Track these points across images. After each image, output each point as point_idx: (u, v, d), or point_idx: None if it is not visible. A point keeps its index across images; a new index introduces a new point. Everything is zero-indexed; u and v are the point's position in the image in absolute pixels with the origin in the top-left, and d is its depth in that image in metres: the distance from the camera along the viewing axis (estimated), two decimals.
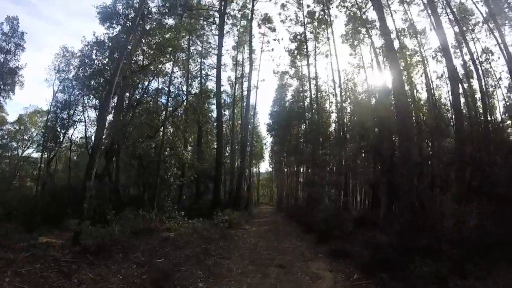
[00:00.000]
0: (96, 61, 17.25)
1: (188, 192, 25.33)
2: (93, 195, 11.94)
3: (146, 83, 17.87)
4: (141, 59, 19.09)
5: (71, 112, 20.65)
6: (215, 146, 32.13)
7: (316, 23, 29.68)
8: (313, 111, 28.36)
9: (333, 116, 33.54)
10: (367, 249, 9.97)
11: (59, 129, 21.40)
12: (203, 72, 30.32)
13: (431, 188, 12.14)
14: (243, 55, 33.13)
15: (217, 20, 24.89)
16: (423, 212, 10.02)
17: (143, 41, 18.26)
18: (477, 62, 21.42)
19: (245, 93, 29.52)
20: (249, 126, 34.82)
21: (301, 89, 33.65)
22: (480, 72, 21.43)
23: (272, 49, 32.11)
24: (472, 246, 7.91)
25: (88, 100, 18.40)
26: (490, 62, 23.36)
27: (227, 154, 33.36)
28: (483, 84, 21.04)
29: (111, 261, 8.38)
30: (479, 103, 20.94)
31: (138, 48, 17.73)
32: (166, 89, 16.73)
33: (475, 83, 22.08)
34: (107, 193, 14.21)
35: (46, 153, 26.80)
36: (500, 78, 23.12)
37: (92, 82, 17.11)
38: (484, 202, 9.60)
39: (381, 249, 9.30)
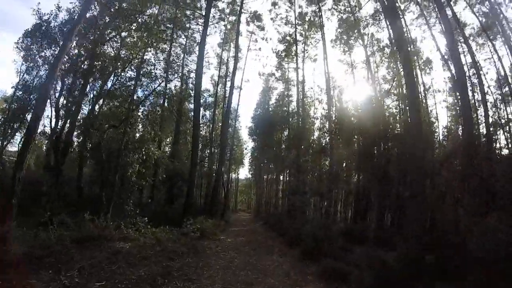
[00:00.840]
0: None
1: (161, 195, 22.76)
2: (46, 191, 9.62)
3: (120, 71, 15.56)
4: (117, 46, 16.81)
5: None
6: None
7: (307, 26, 28.00)
8: (299, 115, 26.36)
9: (317, 123, 32.02)
10: (367, 269, 8.01)
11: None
12: (186, 69, 28.14)
13: (443, 201, 10.38)
14: (229, 54, 31.00)
15: (204, 6, 22.59)
16: (434, 227, 8.16)
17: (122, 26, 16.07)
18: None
19: (228, 93, 27.21)
20: (230, 129, 32.70)
21: (286, 93, 31.80)
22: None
23: (260, 49, 30.34)
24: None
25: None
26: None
27: (205, 157, 31.00)
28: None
29: (36, 279, 6.06)
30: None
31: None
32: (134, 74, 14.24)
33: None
34: (59, 189, 11.67)
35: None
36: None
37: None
38: (504, 215, 7.82)
39: (387, 270, 7.34)
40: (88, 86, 14.83)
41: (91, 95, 16.11)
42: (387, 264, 7.69)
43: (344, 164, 27.11)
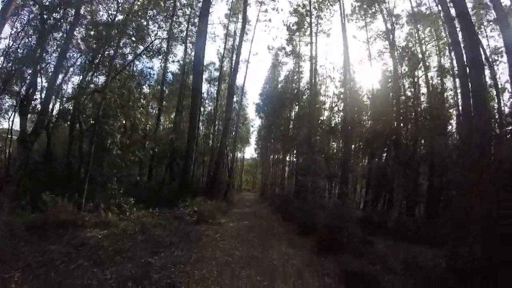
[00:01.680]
0: None
1: (159, 173, 20.87)
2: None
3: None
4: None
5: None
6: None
7: None
8: (312, 91, 23.88)
9: (328, 103, 29.59)
10: (406, 274, 6.08)
11: None
12: (189, 41, 25.64)
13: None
14: (236, 26, 28.28)
15: None
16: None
17: None
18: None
19: (234, 63, 24.61)
20: (236, 105, 30.45)
21: (297, 69, 29.22)
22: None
23: (270, 20, 27.29)
24: None
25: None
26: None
27: (209, 133, 28.89)
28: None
29: None
30: None
31: None
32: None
33: None
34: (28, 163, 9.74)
35: None
36: None
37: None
38: None
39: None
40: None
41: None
42: (438, 271, 5.67)
43: (357, 145, 25.16)
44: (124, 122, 10.43)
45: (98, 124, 9.05)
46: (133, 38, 11.85)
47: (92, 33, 13.28)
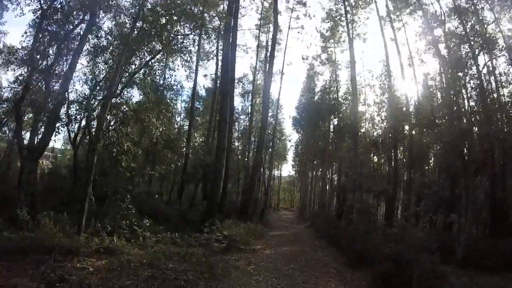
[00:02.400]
0: None
1: (190, 192, 19.34)
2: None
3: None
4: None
5: None
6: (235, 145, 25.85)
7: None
8: (355, 96, 21.38)
9: (368, 113, 26.80)
10: None
11: None
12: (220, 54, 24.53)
13: None
14: (268, 36, 26.87)
15: None
16: None
17: None
18: None
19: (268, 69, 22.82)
20: (272, 120, 28.75)
21: (334, 77, 27.07)
22: None
23: (302, 27, 25.68)
24: None
25: None
26: None
27: (245, 150, 27.25)
28: None
29: None
30: None
31: None
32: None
33: None
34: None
35: None
36: None
37: None
38: None
39: None
40: None
41: None
42: None
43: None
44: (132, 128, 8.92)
45: (101, 130, 7.60)
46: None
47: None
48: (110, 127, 7.81)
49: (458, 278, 7.76)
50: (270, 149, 28.98)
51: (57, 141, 20.09)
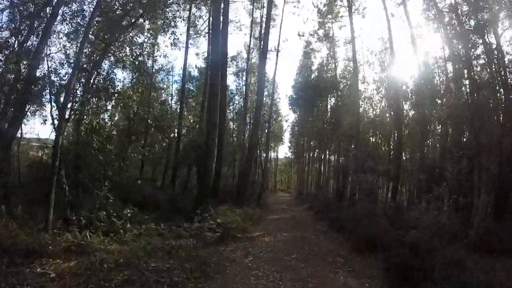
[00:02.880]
0: None
1: (183, 175, 18.20)
2: None
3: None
4: None
5: None
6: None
7: None
8: (356, 72, 19.98)
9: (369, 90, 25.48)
10: None
11: None
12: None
13: None
14: (262, 12, 25.14)
15: None
16: None
17: None
18: None
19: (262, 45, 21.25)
20: (267, 100, 27.39)
21: (331, 53, 25.60)
22: None
23: (298, 1, 23.86)
24: None
25: None
26: None
27: (240, 131, 25.99)
28: None
29: None
30: None
31: None
32: None
33: None
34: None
35: None
36: None
37: None
38: None
39: None
40: None
41: None
42: None
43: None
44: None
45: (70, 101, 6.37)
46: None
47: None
48: (77, 100, 6.54)
49: (475, 263, 6.90)
50: (266, 130, 27.81)
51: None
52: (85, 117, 7.03)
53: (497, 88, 11.54)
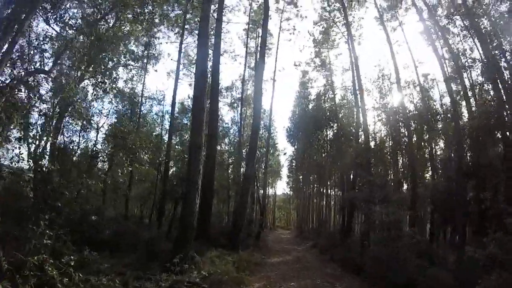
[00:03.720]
0: None
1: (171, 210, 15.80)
2: None
3: None
4: None
5: None
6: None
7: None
8: (358, 100, 18.30)
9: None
10: None
11: None
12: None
13: None
14: (257, 42, 24.12)
15: None
16: None
17: None
18: None
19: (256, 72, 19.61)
20: (264, 132, 25.59)
21: (330, 80, 24.24)
22: None
23: (294, 28, 22.80)
24: None
25: None
26: None
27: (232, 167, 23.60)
28: None
29: None
30: None
31: None
32: None
33: None
34: None
35: None
36: None
37: None
38: None
39: None
40: None
41: None
42: None
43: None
44: None
45: None
46: None
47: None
48: None
49: None
50: (263, 165, 25.79)
51: None
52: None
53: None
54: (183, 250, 6.67)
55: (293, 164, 34.35)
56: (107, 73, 9.11)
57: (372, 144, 20.65)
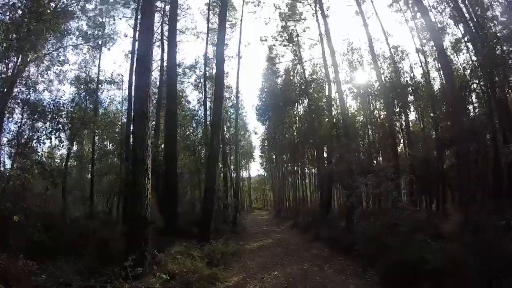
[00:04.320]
0: None
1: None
2: None
3: None
4: None
5: None
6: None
7: None
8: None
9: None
10: None
11: None
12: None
13: None
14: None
15: None
16: None
17: None
18: None
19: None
20: (231, 113, 24.05)
21: (299, 55, 22.78)
22: None
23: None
24: None
25: None
26: None
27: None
28: None
29: None
30: None
31: None
32: None
33: None
34: None
35: None
36: None
37: None
38: None
39: None
40: None
41: None
42: None
43: None
44: None
45: None
46: None
47: None
48: None
49: None
50: (234, 146, 24.29)
51: None
52: None
53: None
54: (136, 249, 5.15)
55: (265, 144, 33.15)
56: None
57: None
